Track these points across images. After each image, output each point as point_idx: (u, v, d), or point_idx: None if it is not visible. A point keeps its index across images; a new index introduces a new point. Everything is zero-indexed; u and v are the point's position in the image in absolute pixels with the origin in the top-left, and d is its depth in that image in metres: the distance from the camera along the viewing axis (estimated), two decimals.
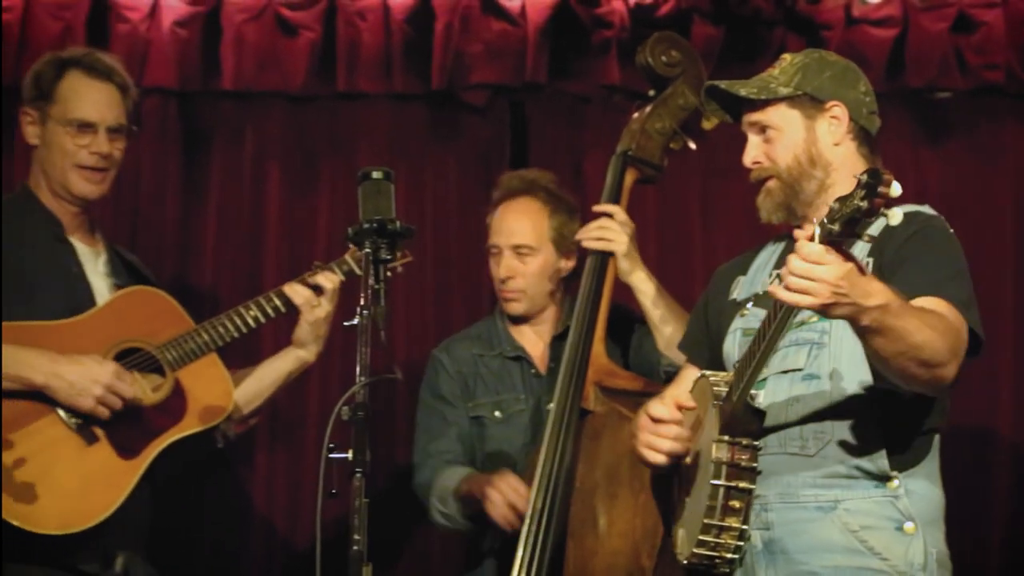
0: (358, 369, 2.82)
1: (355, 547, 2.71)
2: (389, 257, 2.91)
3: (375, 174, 2.97)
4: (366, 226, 2.91)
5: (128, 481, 3.40)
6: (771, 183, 3.07)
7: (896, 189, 2.39)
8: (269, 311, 3.66)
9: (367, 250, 2.90)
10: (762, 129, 3.07)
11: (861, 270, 2.55)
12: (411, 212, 4.36)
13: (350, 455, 2.75)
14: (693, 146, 3.81)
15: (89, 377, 3.35)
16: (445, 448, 3.83)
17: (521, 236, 3.84)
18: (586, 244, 3.70)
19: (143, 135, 4.70)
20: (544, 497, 3.44)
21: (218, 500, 4.64)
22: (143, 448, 3.44)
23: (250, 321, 3.64)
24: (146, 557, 3.60)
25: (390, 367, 2.89)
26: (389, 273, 2.93)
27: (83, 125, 3.59)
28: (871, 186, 2.38)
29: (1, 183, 4.26)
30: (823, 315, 2.65)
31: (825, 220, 2.47)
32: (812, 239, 2.50)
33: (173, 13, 4.69)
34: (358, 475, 2.74)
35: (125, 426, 3.42)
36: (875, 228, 2.51)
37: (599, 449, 3.47)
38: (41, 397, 3.37)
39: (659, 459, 2.98)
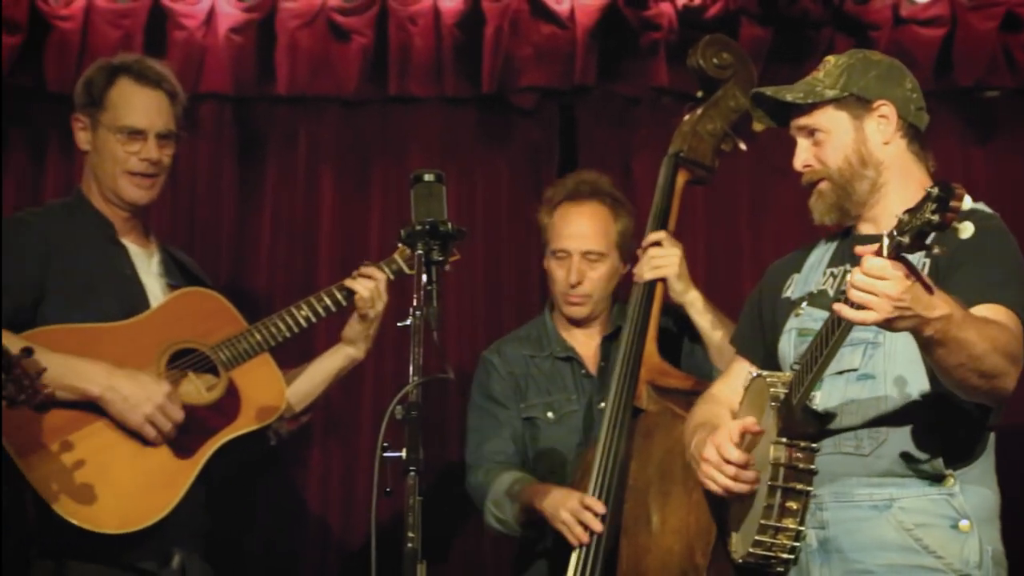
0: (411, 369, 2.81)
1: (409, 545, 2.70)
2: (441, 258, 2.90)
3: (427, 177, 2.96)
4: (419, 228, 2.90)
5: (184, 480, 3.42)
6: (823, 185, 3.04)
7: (967, 202, 2.37)
8: (320, 310, 3.67)
9: (420, 251, 2.89)
10: (811, 132, 3.05)
11: (924, 283, 2.53)
12: (462, 214, 4.36)
13: (404, 454, 2.74)
14: (743, 147, 3.80)
15: (143, 394, 3.37)
16: (498, 449, 3.82)
17: (593, 242, 3.82)
18: (640, 276, 3.67)
19: (199, 140, 4.76)
20: (598, 496, 3.43)
21: (273, 499, 4.65)
22: (198, 448, 3.45)
23: (301, 320, 3.64)
24: (203, 555, 3.61)
25: (442, 367, 2.88)
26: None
27: (133, 132, 3.61)
28: (943, 200, 2.37)
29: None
30: (886, 329, 2.63)
31: (895, 232, 2.45)
32: (879, 252, 2.48)
33: (229, 20, 4.72)
34: (412, 473, 2.73)
35: (181, 427, 3.43)
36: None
37: (652, 447, 3.46)
38: None
39: (718, 491, 2.97)
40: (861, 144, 3.00)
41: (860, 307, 2.52)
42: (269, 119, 4.87)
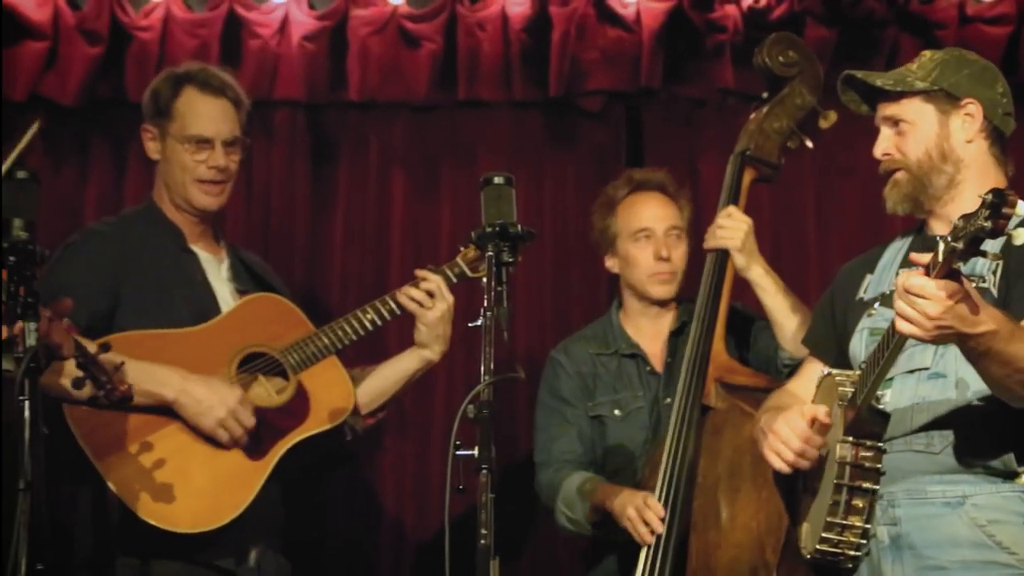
0: (482, 369, 2.81)
1: (482, 541, 2.70)
2: (511, 260, 2.89)
3: (497, 180, 2.96)
4: (489, 230, 2.89)
5: (257, 480, 3.43)
6: (899, 175, 3.03)
7: (1021, 208, 2.35)
8: (385, 314, 3.67)
9: (490, 253, 2.88)
10: (895, 122, 3.03)
11: (969, 301, 2.52)
12: (530, 216, 4.34)
13: (476, 452, 2.74)
14: (810, 145, 3.77)
15: (216, 399, 3.39)
16: (567, 448, 3.82)
17: (675, 219, 3.86)
18: (706, 244, 3.67)
19: (274, 145, 4.78)
20: (667, 492, 3.42)
21: (349, 496, 4.67)
22: (270, 448, 3.47)
23: (367, 324, 3.64)
24: (280, 551, 3.63)
25: (513, 366, 2.87)
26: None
27: (200, 141, 3.63)
28: (996, 207, 2.35)
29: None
30: (929, 343, 2.65)
31: (949, 237, 2.44)
32: (935, 257, 2.47)
33: (301, 28, 4.74)
34: (484, 471, 2.73)
35: (253, 428, 3.45)
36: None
37: (721, 444, 3.44)
38: None
39: (783, 467, 2.98)
40: (944, 139, 2.98)
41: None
42: (341, 125, 4.88)
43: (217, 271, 3.71)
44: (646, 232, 3.84)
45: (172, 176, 3.66)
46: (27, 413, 2.66)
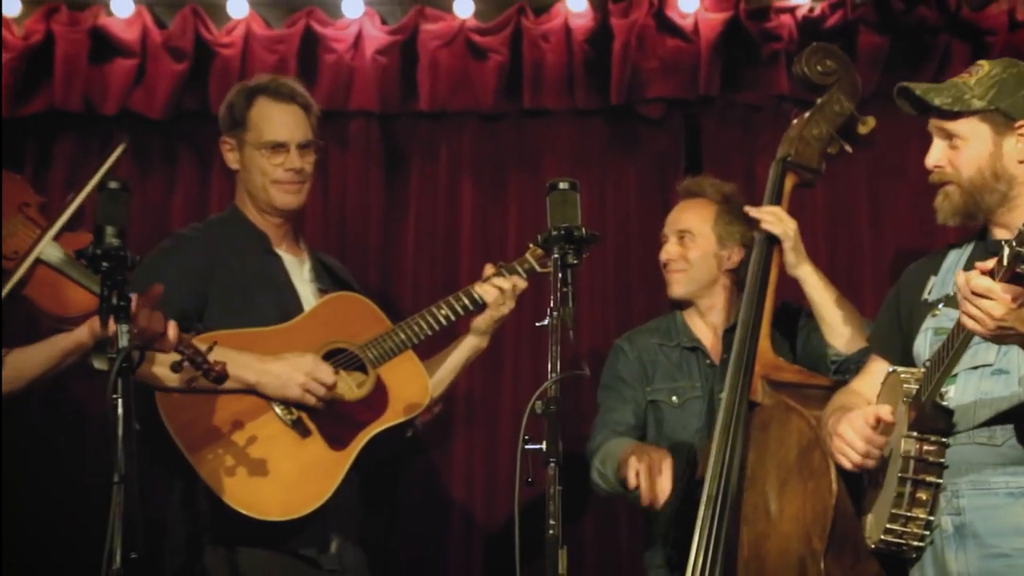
0: (549, 366, 2.81)
1: (551, 532, 2.71)
2: (576, 262, 2.89)
3: (562, 185, 2.96)
4: (555, 233, 2.89)
5: (339, 470, 3.46)
6: (950, 188, 3.01)
7: None
8: (459, 309, 3.69)
9: (556, 255, 2.89)
10: (949, 136, 3.00)
11: None
12: (593, 219, 4.34)
13: (544, 446, 2.75)
14: (849, 150, 3.76)
15: (291, 368, 3.42)
16: (620, 419, 3.85)
17: (692, 222, 3.92)
18: (763, 224, 3.64)
19: (348, 154, 4.82)
20: (717, 484, 3.41)
21: (422, 489, 4.69)
22: (351, 440, 3.50)
23: (442, 319, 3.67)
24: (357, 541, 3.65)
25: (578, 364, 2.88)
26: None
27: (276, 145, 3.68)
28: None
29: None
30: (993, 342, 2.66)
31: (1014, 242, 2.42)
32: (1000, 261, 2.46)
33: (374, 42, 4.77)
34: (552, 465, 2.74)
35: (334, 420, 3.48)
36: None
37: (768, 439, 3.43)
38: (259, 397, 3.45)
39: (848, 465, 3.01)
40: (997, 159, 2.96)
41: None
42: (412, 134, 4.91)
43: (300, 272, 3.74)
44: (662, 237, 3.98)
45: (252, 182, 3.71)
46: (120, 410, 2.68)
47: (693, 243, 3.89)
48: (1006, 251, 2.43)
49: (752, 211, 3.68)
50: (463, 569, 4.66)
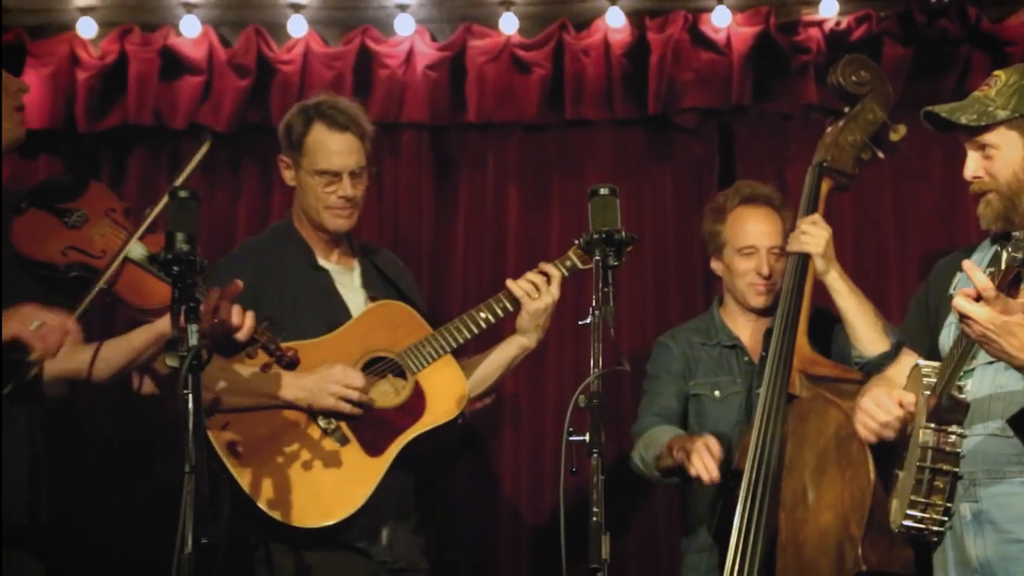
0: (591, 362, 2.81)
1: (595, 519, 2.70)
2: (616, 263, 2.88)
3: (603, 191, 2.95)
4: (596, 236, 2.89)
5: (375, 477, 3.40)
6: (991, 196, 2.99)
7: None
8: (498, 311, 3.60)
9: (597, 257, 2.88)
10: (981, 147, 2.99)
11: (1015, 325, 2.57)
12: (632, 222, 4.33)
13: (587, 437, 2.75)
14: (882, 156, 3.73)
15: (322, 380, 3.37)
16: (664, 404, 3.83)
17: (777, 239, 3.83)
18: (789, 247, 3.65)
19: (401, 164, 4.83)
20: (757, 473, 3.40)
21: (472, 479, 4.70)
22: (387, 446, 3.43)
23: (481, 323, 3.57)
24: (414, 531, 3.61)
25: (619, 360, 2.88)
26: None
27: (329, 174, 3.61)
28: None
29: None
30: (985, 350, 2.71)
31: (1010, 248, 2.45)
32: (999, 266, 2.50)
33: (425, 58, 4.78)
34: (595, 455, 2.74)
35: (373, 427, 3.43)
36: None
37: (806, 430, 3.42)
38: (301, 410, 3.42)
39: (867, 436, 3.02)
40: None
41: None
42: (461, 144, 4.91)
43: (349, 281, 3.70)
44: (751, 249, 3.83)
45: (306, 203, 3.66)
46: (190, 404, 2.68)
47: (781, 260, 3.82)
48: (1004, 257, 2.44)
49: (788, 248, 3.68)
50: (512, 553, 4.66)
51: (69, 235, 3.10)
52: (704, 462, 3.43)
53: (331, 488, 3.37)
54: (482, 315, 3.58)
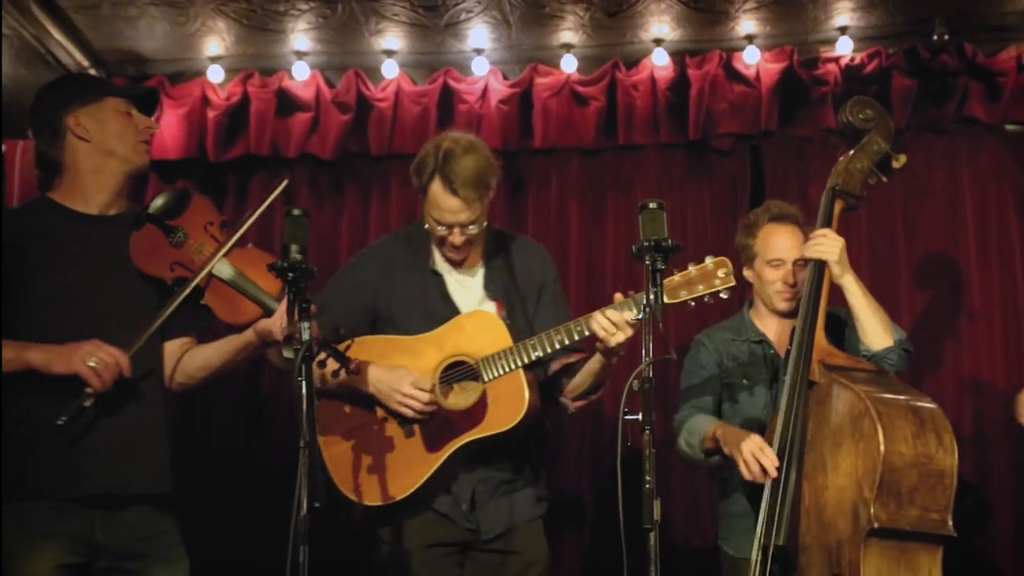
0: (643, 352, 2.78)
1: (647, 485, 2.68)
2: (663, 267, 2.85)
3: (651, 205, 2.92)
4: (646, 244, 2.86)
5: (427, 470, 3.30)
6: None
7: None
8: (575, 336, 3.28)
9: (647, 263, 2.85)
10: None
11: None
12: (676, 232, 4.30)
13: (640, 416, 2.73)
14: (885, 180, 3.67)
15: (394, 385, 3.29)
16: (701, 396, 3.78)
17: (798, 253, 3.76)
18: (807, 254, 3.61)
19: None
20: (783, 448, 3.36)
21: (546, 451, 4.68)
22: (443, 445, 3.32)
23: (556, 344, 3.29)
24: (507, 508, 3.44)
25: (666, 350, 2.85)
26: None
27: (442, 226, 3.35)
28: None
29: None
30: None
31: None
32: None
33: (498, 94, 4.80)
34: (647, 431, 2.72)
35: (437, 426, 3.32)
36: None
37: (825, 411, 3.38)
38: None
39: None
40: None
41: None
42: (529, 166, 4.91)
43: (469, 283, 3.51)
44: (779, 261, 3.78)
45: (429, 226, 3.42)
46: (304, 390, 2.69)
47: (804, 270, 3.78)
48: None
49: (803, 253, 3.60)
50: (577, 513, 4.65)
51: (174, 253, 3.08)
52: (757, 465, 3.33)
53: (394, 473, 3.30)
54: (558, 337, 3.29)
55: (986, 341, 4.58)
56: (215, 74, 4.84)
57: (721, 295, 3.20)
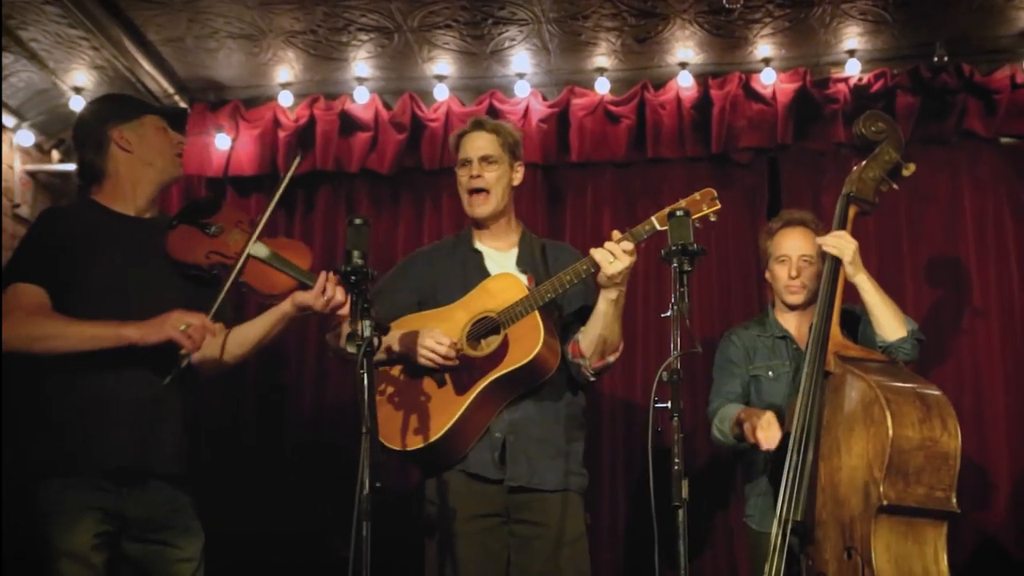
0: (672, 346, 2.78)
1: (676, 467, 2.68)
2: (689, 269, 2.83)
3: (678, 213, 2.92)
4: (673, 248, 2.86)
5: (457, 409, 3.27)
6: None
7: None
8: (581, 272, 3.27)
9: (674, 265, 2.84)
10: None
11: None
12: (700, 238, 4.29)
13: (669, 404, 2.72)
14: (896, 187, 3.64)
15: (417, 341, 3.28)
16: (730, 390, 3.76)
17: (807, 249, 3.76)
18: (823, 243, 3.56)
19: (522, 195, 4.78)
20: (802, 432, 3.33)
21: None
22: (472, 385, 3.29)
23: (566, 284, 3.28)
24: (550, 456, 3.38)
25: (693, 344, 2.83)
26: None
27: (466, 163, 3.49)
28: None
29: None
30: None
31: None
32: None
33: (538, 114, 4.79)
34: (675, 418, 2.72)
35: (466, 372, 3.30)
36: None
37: (840, 398, 3.35)
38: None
39: None
40: None
41: None
42: (566, 178, 4.89)
43: (505, 259, 3.51)
44: (785, 257, 3.77)
45: (462, 197, 3.53)
46: (365, 381, 2.70)
47: (812, 267, 3.76)
48: None
49: (819, 241, 3.59)
50: (611, 490, 4.61)
51: (210, 242, 3.10)
52: (765, 435, 3.37)
53: (427, 417, 3.29)
54: (567, 277, 3.28)
55: (985, 333, 4.53)
56: (285, 99, 4.87)
57: (711, 219, 3.18)
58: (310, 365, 4.82)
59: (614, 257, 3.24)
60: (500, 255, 3.53)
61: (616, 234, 3.28)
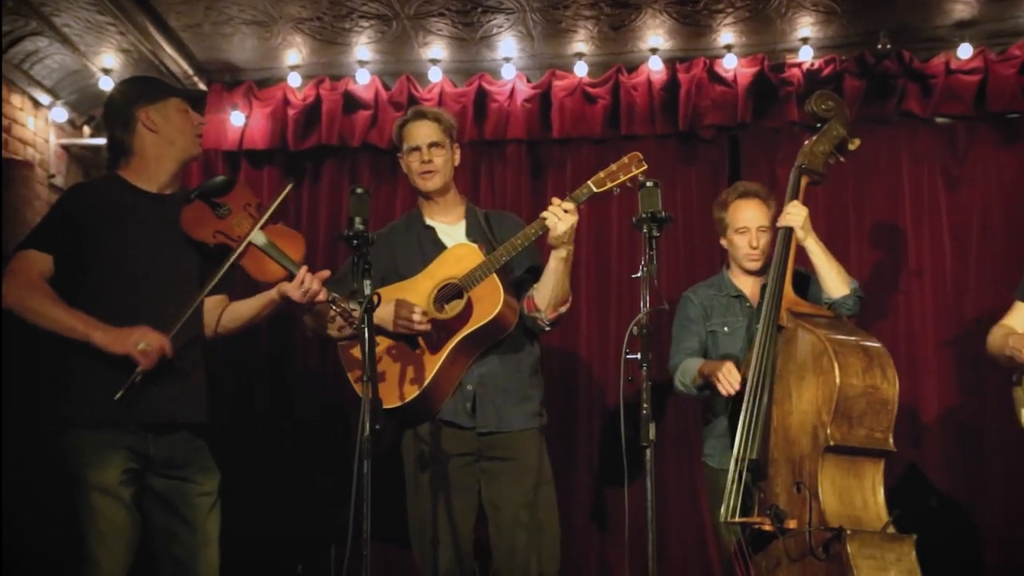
0: (641, 303, 2.76)
1: (644, 411, 2.67)
2: (658, 235, 2.81)
3: (648, 184, 2.88)
4: (644, 216, 2.83)
5: (432, 367, 3.26)
6: None
7: None
8: (531, 235, 3.25)
9: (645, 231, 2.81)
10: None
11: None
12: (668, 206, 4.19)
13: (639, 356, 2.70)
14: (843, 160, 3.60)
15: (389, 313, 3.25)
16: (689, 346, 3.72)
17: (763, 219, 3.70)
18: (778, 223, 3.54)
19: (508, 168, 4.78)
20: (757, 380, 3.32)
21: (556, 383, 4.60)
22: (443, 345, 3.26)
23: (518, 247, 3.24)
24: (516, 402, 3.38)
25: (661, 302, 2.81)
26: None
27: (415, 149, 3.43)
28: None
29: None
30: None
31: None
32: None
33: (523, 95, 4.72)
34: (644, 367, 2.70)
35: (437, 334, 3.27)
36: None
37: (792, 350, 3.34)
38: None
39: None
40: None
41: None
42: (548, 153, 4.83)
43: (454, 232, 3.46)
44: (744, 228, 3.71)
45: (411, 179, 3.48)
46: (366, 333, 2.69)
47: (767, 235, 3.69)
48: None
49: (779, 222, 3.53)
50: (587, 429, 4.60)
51: (218, 223, 3.02)
52: (727, 381, 3.35)
53: (404, 377, 3.26)
54: (519, 241, 3.24)
55: (919, 292, 4.52)
56: (294, 80, 4.79)
57: (639, 178, 3.09)
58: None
59: (558, 218, 3.22)
60: (450, 228, 3.48)
61: (555, 200, 3.27)
